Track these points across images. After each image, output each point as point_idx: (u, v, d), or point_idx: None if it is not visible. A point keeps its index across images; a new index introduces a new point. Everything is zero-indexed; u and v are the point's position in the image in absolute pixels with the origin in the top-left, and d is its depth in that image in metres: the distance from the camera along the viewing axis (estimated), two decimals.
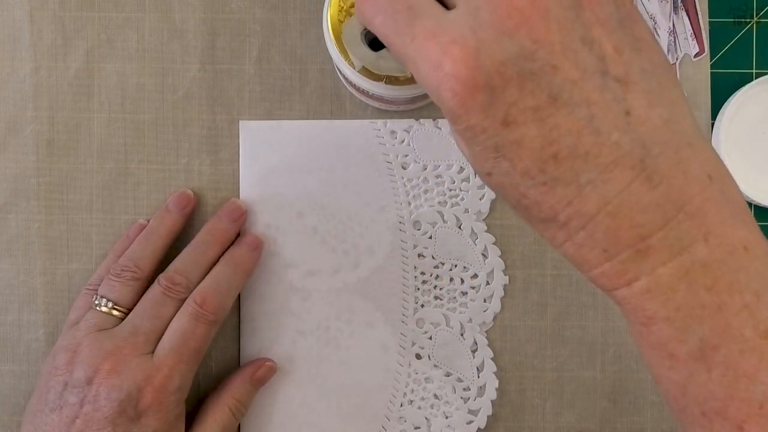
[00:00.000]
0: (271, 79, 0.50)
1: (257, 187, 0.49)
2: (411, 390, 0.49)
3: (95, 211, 0.50)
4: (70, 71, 0.50)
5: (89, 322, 0.45)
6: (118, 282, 0.46)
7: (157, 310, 0.45)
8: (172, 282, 0.45)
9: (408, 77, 0.42)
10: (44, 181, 0.50)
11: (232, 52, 0.50)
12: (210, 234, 0.48)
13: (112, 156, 0.50)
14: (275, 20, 0.50)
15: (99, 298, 0.45)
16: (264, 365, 0.48)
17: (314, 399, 0.49)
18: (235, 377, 0.48)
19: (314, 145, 0.50)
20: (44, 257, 0.50)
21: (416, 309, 0.50)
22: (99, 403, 0.42)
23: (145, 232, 0.48)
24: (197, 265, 0.46)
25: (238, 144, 0.50)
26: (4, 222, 0.50)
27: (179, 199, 0.49)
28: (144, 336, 0.44)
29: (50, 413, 0.43)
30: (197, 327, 0.44)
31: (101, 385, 0.42)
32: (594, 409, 0.50)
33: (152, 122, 0.50)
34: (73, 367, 0.43)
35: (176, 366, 0.44)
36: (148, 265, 0.46)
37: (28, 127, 0.50)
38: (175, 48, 0.50)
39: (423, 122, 0.50)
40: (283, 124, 0.50)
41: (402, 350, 0.49)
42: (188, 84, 0.50)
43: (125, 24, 0.50)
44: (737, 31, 0.50)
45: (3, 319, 0.50)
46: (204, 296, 0.45)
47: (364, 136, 0.50)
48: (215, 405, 0.47)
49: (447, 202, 0.50)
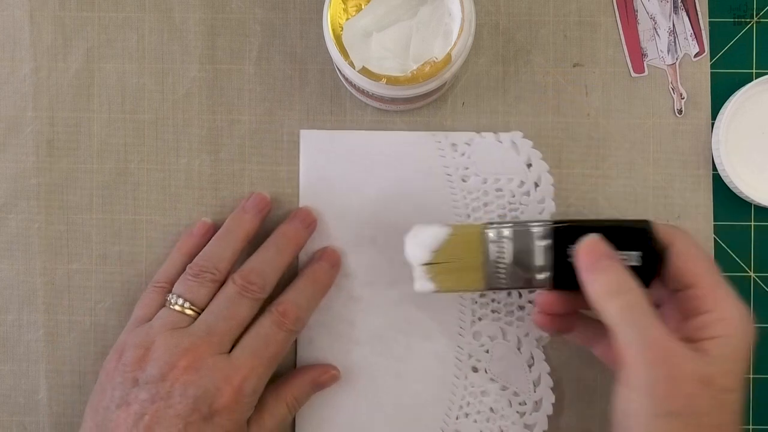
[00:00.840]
0: (271, 79, 0.50)
1: (316, 197, 0.49)
2: (467, 403, 0.49)
3: (95, 211, 0.50)
4: (70, 71, 0.50)
5: (163, 320, 0.44)
6: (196, 282, 0.45)
7: (232, 311, 0.44)
8: (249, 281, 0.45)
9: (408, 77, 0.42)
10: (44, 181, 0.50)
11: (232, 52, 0.50)
12: (284, 237, 0.48)
13: (112, 156, 0.50)
14: (275, 20, 0.50)
15: (174, 297, 0.45)
16: (329, 373, 0.48)
17: (368, 409, 0.49)
18: (297, 376, 0.48)
19: (374, 156, 0.50)
20: (44, 257, 0.50)
21: (473, 321, 0.49)
22: (172, 399, 0.42)
23: (222, 233, 0.48)
24: (271, 267, 0.46)
25: (237, 144, 0.50)
26: (4, 222, 0.50)
27: (256, 201, 0.49)
28: (219, 336, 0.44)
29: (116, 409, 0.42)
30: (278, 334, 0.44)
31: (176, 381, 0.42)
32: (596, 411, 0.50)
33: (152, 122, 0.50)
34: (146, 363, 0.43)
35: (255, 368, 0.43)
36: (227, 266, 0.46)
37: (28, 127, 0.50)
38: (175, 48, 0.50)
39: (484, 135, 0.50)
40: (342, 134, 0.50)
41: (459, 363, 0.49)
42: (188, 84, 0.50)
43: (125, 24, 0.50)
44: (737, 31, 0.50)
45: (3, 319, 0.50)
46: (286, 307, 0.45)
47: (425, 147, 0.50)
48: (274, 399, 0.47)
49: (507, 215, 0.49)
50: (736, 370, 0.38)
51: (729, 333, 0.38)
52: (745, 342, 0.38)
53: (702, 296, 0.40)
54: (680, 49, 0.50)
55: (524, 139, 0.49)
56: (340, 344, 0.49)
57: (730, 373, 0.38)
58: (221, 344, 0.44)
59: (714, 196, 0.50)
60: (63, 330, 0.50)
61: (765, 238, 0.50)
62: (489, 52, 0.50)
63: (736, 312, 0.39)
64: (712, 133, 0.50)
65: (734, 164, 0.49)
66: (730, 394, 0.38)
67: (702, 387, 0.37)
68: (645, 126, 0.50)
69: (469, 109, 0.50)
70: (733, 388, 0.38)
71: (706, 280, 0.40)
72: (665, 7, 0.50)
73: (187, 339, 0.43)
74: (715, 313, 0.39)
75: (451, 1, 0.43)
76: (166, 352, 0.43)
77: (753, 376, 0.50)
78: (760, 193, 0.49)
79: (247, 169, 0.50)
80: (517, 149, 0.49)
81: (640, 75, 0.50)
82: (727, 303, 0.39)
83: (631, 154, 0.50)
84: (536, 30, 0.50)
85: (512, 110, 0.50)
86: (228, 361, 0.43)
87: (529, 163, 0.49)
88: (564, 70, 0.50)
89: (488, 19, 0.50)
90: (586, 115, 0.50)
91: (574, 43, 0.50)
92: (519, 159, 0.49)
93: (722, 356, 0.38)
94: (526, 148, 0.49)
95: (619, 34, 0.50)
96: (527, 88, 0.50)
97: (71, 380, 0.50)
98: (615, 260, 0.40)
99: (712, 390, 0.37)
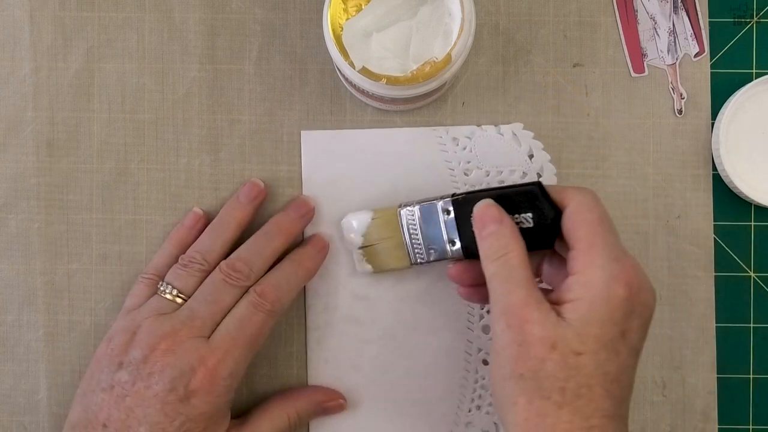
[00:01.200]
0: (271, 79, 0.50)
1: (319, 195, 0.49)
2: (479, 396, 0.49)
3: (95, 211, 0.50)
4: (70, 71, 0.50)
5: (151, 306, 0.45)
6: (185, 272, 0.46)
7: (216, 296, 0.45)
8: (234, 269, 0.45)
9: (408, 77, 0.42)
10: (44, 181, 0.50)
11: (232, 52, 0.50)
12: (276, 225, 0.48)
13: (112, 156, 0.50)
14: (275, 20, 0.50)
15: (165, 285, 0.46)
16: (337, 401, 0.49)
17: (381, 406, 0.49)
18: (305, 393, 0.48)
19: (375, 154, 0.50)
20: (44, 257, 0.50)
21: (482, 315, 0.49)
22: (151, 380, 0.42)
23: (214, 224, 0.48)
24: (260, 255, 0.46)
25: (237, 144, 0.50)
26: (4, 222, 0.50)
27: (250, 189, 0.49)
28: (201, 320, 0.44)
29: (101, 393, 0.43)
30: (255, 315, 0.44)
31: (156, 363, 0.42)
32: None
33: (152, 122, 0.50)
34: (131, 347, 0.43)
35: (231, 351, 0.43)
36: (217, 257, 0.46)
37: (28, 127, 0.50)
38: (175, 48, 0.50)
39: (485, 128, 0.50)
40: (343, 134, 0.50)
41: (468, 356, 0.49)
42: (188, 84, 0.50)
43: (125, 24, 0.50)
44: (737, 31, 0.50)
45: (3, 319, 0.50)
46: (264, 288, 0.45)
47: (426, 143, 0.50)
48: (276, 408, 0.47)
49: None
50: (591, 333, 0.37)
51: (586, 296, 0.38)
52: (604, 305, 0.38)
53: (574, 258, 0.40)
54: (680, 49, 0.50)
55: (525, 130, 0.49)
56: (350, 344, 0.49)
57: (582, 336, 0.37)
58: (202, 328, 0.44)
59: (714, 196, 0.50)
60: (63, 330, 0.50)
61: (765, 238, 0.50)
62: (489, 52, 0.50)
63: (599, 275, 0.38)
64: (712, 133, 0.50)
65: (734, 164, 0.49)
66: (580, 357, 0.37)
67: (549, 350, 0.37)
68: (645, 126, 0.50)
69: (469, 109, 0.50)
70: (584, 350, 0.37)
71: (583, 242, 0.39)
72: (665, 7, 0.50)
73: (168, 323, 0.44)
74: (579, 276, 0.39)
75: (451, 1, 0.43)
76: (148, 335, 0.43)
77: (753, 376, 0.50)
78: (760, 193, 0.49)
79: (247, 169, 0.50)
80: (518, 141, 0.49)
81: (640, 75, 0.50)
82: (593, 266, 0.39)
83: (631, 154, 0.50)
84: (536, 30, 0.50)
85: (512, 110, 0.50)
86: (205, 343, 0.43)
87: (530, 154, 0.49)
88: (564, 70, 0.50)
89: (488, 19, 0.50)
90: (586, 115, 0.50)
91: (574, 43, 0.50)
92: (521, 150, 0.49)
93: (578, 319, 0.38)
94: (528, 140, 0.49)
95: (619, 34, 0.50)
96: (527, 88, 0.50)
97: (71, 380, 0.50)
98: (503, 224, 0.41)
99: (560, 353, 0.37)
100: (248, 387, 0.50)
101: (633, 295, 0.38)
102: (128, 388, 0.42)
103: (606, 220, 0.40)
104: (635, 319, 0.38)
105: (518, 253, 0.40)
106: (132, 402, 0.42)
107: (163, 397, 0.42)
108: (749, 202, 0.49)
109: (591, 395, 0.37)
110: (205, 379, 0.43)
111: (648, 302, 0.39)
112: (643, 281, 0.39)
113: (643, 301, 0.39)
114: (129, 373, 0.43)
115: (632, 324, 0.38)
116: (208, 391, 0.43)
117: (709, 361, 0.49)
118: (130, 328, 0.44)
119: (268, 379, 0.50)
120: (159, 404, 0.42)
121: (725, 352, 0.49)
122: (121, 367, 0.43)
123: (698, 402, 0.49)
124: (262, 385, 0.50)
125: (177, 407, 0.42)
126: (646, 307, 0.39)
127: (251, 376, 0.50)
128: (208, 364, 0.43)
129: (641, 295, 0.39)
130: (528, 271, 0.40)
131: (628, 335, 0.38)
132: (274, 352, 0.50)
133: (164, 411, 0.42)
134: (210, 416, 0.43)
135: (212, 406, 0.43)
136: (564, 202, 0.41)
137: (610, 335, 0.38)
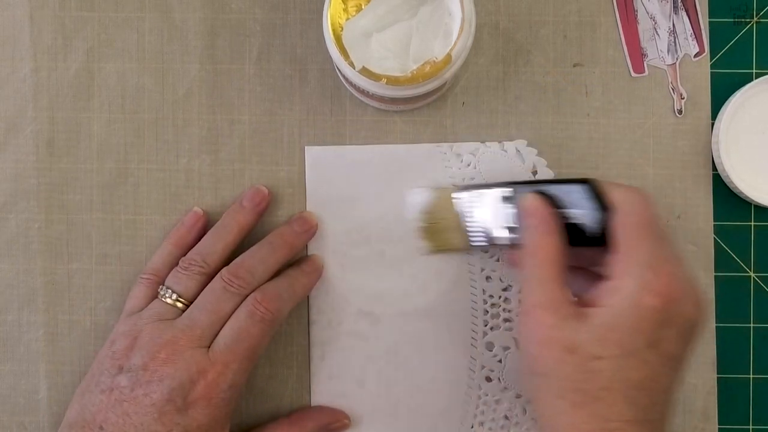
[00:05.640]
0: (271, 79, 0.50)
1: (324, 211, 0.49)
2: (481, 412, 0.49)
3: (95, 211, 0.50)
4: (70, 71, 0.50)
5: (152, 311, 0.45)
6: (185, 275, 0.46)
7: (216, 305, 0.45)
8: (235, 276, 0.45)
9: (408, 77, 0.42)
10: (44, 181, 0.50)
11: (232, 52, 0.50)
12: (280, 237, 0.48)
13: (112, 156, 0.50)
14: (275, 20, 0.50)
15: (165, 289, 0.46)
16: (342, 422, 0.49)
17: (385, 422, 0.49)
18: (312, 416, 0.49)
19: (379, 171, 0.50)
20: (44, 257, 0.50)
21: (485, 332, 0.49)
22: (150, 388, 0.42)
23: (216, 227, 0.48)
24: (262, 264, 0.46)
25: (237, 144, 0.50)
26: (4, 222, 0.50)
27: (253, 195, 0.49)
28: (201, 329, 0.44)
29: (99, 394, 0.43)
30: (253, 326, 0.44)
31: (155, 372, 0.43)
32: None
33: (152, 122, 0.50)
34: (132, 352, 0.44)
35: (230, 364, 0.43)
36: (217, 260, 0.46)
37: (28, 127, 0.50)
38: (175, 48, 0.50)
39: (489, 145, 0.50)
40: (347, 150, 0.50)
41: (471, 373, 0.49)
42: (188, 84, 0.50)
43: (125, 24, 0.50)
44: (737, 31, 0.50)
45: (3, 319, 0.50)
46: (264, 295, 0.45)
47: (430, 159, 0.50)
48: (281, 429, 0.48)
49: None
50: (613, 339, 0.38)
51: (614, 304, 0.38)
52: (631, 314, 0.38)
53: (613, 263, 0.39)
54: (680, 49, 0.50)
55: (528, 147, 0.49)
56: (354, 360, 0.49)
57: (603, 342, 0.38)
58: (202, 338, 0.44)
59: (714, 196, 0.50)
60: (63, 330, 0.50)
61: (765, 238, 0.50)
62: (489, 52, 0.50)
63: (631, 284, 0.38)
64: (712, 133, 0.50)
65: (734, 164, 0.49)
66: (599, 361, 0.37)
67: (567, 353, 0.38)
68: (645, 126, 0.50)
69: (469, 109, 0.50)
70: (604, 355, 0.37)
71: (624, 247, 0.39)
72: (665, 7, 0.50)
73: (169, 331, 0.44)
74: (612, 282, 0.39)
75: (451, 1, 0.43)
76: (149, 342, 0.43)
77: (753, 376, 0.50)
78: (760, 193, 0.49)
79: (247, 169, 0.50)
80: (521, 157, 0.49)
81: (640, 75, 0.50)
82: (626, 274, 0.39)
83: (631, 154, 0.50)
84: (536, 30, 0.50)
85: (512, 110, 0.50)
86: (205, 355, 0.43)
87: (534, 170, 0.49)
88: (564, 70, 0.50)
89: (488, 19, 0.50)
90: (586, 115, 0.50)
91: (574, 43, 0.50)
92: (524, 167, 0.49)
93: (601, 325, 0.38)
94: (531, 156, 0.49)
95: (619, 34, 0.50)
96: (527, 88, 0.50)
97: (71, 380, 0.50)
98: (539, 219, 0.41)
99: (579, 357, 0.38)
100: (248, 387, 0.50)
101: (667, 305, 0.38)
102: (127, 393, 0.43)
103: (650, 225, 0.40)
104: (670, 329, 0.38)
105: (548, 251, 0.40)
106: (129, 408, 0.42)
107: (161, 406, 0.42)
108: (749, 202, 0.49)
109: (611, 399, 0.37)
110: (204, 392, 0.43)
111: (686, 312, 0.39)
112: (683, 291, 0.39)
113: (680, 311, 0.38)
114: (128, 378, 0.43)
115: (667, 333, 0.38)
116: (207, 404, 0.43)
117: (709, 360, 0.49)
118: (131, 333, 0.44)
119: (268, 379, 0.50)
120: (156, 413, 0.42)
121: (725, 351, 0.49)
122: (122, 371, 0.43)
123: (698, 402, 0.49)
124: (262, 385, 0.50)
125: (174, 417, 0.42)
126: (684, 317, 0.39)
127: (251, 376, 0.50)
128: (207, 377, 0.43)
129: (679, 305, 0.38)
130: (556, 269, 0.40)
131: (661, 344, 0.38)
132: (274, 352, 0.50)
133: (161, 420, 0.42)
134: (208, 428, 0.43)
135: (210, 417, 0.43)
136: (613, 202, 0.41)
137: (635, 344, 0.38)
